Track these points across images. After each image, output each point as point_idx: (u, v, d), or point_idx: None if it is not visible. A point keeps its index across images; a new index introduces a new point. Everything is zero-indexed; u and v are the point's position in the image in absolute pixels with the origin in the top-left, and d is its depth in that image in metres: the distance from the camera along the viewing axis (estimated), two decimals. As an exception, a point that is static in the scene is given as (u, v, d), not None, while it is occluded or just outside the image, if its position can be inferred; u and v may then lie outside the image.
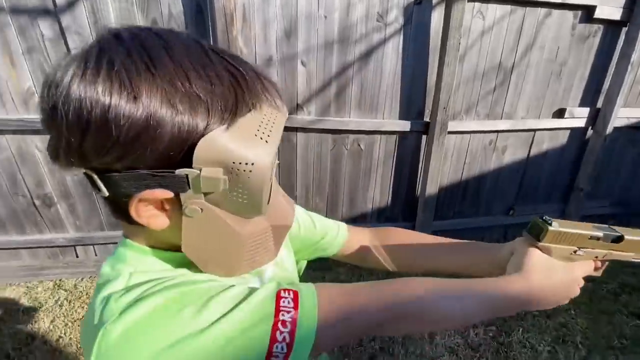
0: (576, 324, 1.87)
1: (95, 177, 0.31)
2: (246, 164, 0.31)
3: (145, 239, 0.38)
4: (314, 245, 0.62)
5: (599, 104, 2.42)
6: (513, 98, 2.27)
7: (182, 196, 0.33)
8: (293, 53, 1.84)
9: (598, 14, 2.14)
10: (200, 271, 0.39)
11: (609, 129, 2.42)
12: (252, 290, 0.35)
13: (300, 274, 0.66)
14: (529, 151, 2.47)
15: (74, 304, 1.90)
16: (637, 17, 2.16)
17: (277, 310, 0.33)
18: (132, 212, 0.33)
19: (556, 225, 0.44)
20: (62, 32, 1.57)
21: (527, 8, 2.06)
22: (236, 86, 0.32)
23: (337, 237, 0.64)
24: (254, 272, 0.47)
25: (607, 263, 0.52)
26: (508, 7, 2.03)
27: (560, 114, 2.40)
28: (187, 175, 0.31)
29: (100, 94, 0.28)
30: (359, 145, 2.15)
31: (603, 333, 1.81)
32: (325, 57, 1.89)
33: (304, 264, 0.67)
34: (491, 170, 2.46)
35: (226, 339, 0.31)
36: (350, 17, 1.83)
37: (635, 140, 2.66)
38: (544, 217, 0.46)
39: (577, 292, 0.48)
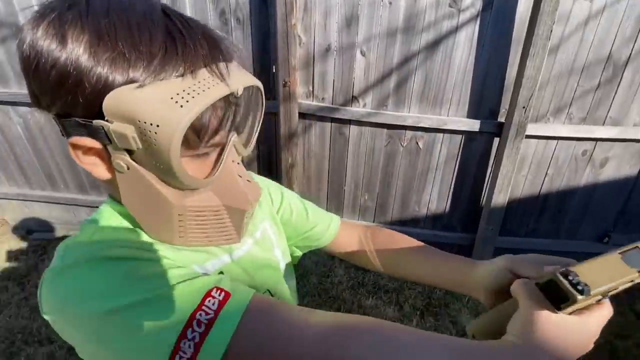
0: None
1: (55, 118, 0.34)
2: (151, 124, 0.30)
3: (118, 197, 0.40)
4: (305, 234, 0.62)
5: None
6: (624, 99, 1.83)
7: (109, 148, 0.33)
8: (352, 42, 1.77)
9: None
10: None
11: None
12: (192, 277, 0.34)
13: (295, 262, 0.64)
14: (641, 167, 1.97)
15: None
16: None
17: (199, 307, 0.31)
18: (73, 156, 0.34)
19: (588, 291, 0.32)
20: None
21: (658, -15, 1.62)
22: (169, 49, 0.31)
23: (329, 229, 0.64)
24: (225, 247, 0.47)
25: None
26: (628, -15, 1.62)
27: (695, 123, 1.85)
28: (102, 127, 0.32)
29: (38, 39, 0.30)
30: (417, 143, 1.99)
31: None
32: (386, 47, 1.78)
33: (299, 254, 0.65)
34: (582, 186, 2.04)
35: (135, 321, 0.31)
36: (418, 3, 1.68)
37: None
38: (571, 277, 0.33)
39: (589, 348, 0.37)
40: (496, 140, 1.94)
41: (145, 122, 0.30)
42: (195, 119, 0.31)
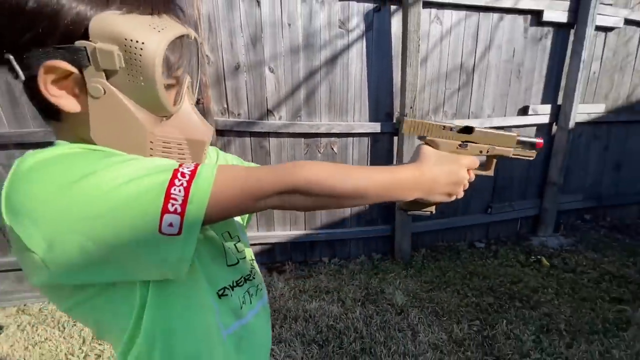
0: (560, 312, 1.84)
1: (12, 58, 0.34)
2: (137, 41, 0.35)
3: (72, 137, 0.40)
4: None
5: (559, 101, 2.55)
6: (478, 97, 2.37)
7: (85, 73, 0.36)
8: (260, 60, 1.90)
9: (546, 17, 2.30)
10: None
11: (572, 124, 2.53)
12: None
13: (244, 222, 0.66)
14: (499, 148, 2.54)
15: (37, 327, 1.78)
16: (582, 18, 2.33)
17: (180, 165, 0.37)
18: (42, 86, 0.34)
19: (412, 117, 0.53)
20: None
21: (481, 13, 2.20)
22: None
23: None
24: None
25: (495, 161, 0.58)
26: (463, 13, 2.17)
27: (524, 111, 2.50)
28: (85, 47, 0.34)
29: None
30: (332, 148, 2.18)
31: (586, 319, 1.78)
32: (292, 63, 1.96)
33: (246, 216, 0.68)
34: (465, 169, 2.51)
35: (128, 176, 0.34)
36: (313, 24, 1.93)
37: (598, 135, 2.78)
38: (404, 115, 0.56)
39: (465, 178, 0.53)
40: (395, 138, 2.26)
41: (132, 40, 0.35)
42: (167, 49, 0.37)
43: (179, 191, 0.34)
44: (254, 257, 0.62)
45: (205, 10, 1.74)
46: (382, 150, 2.27)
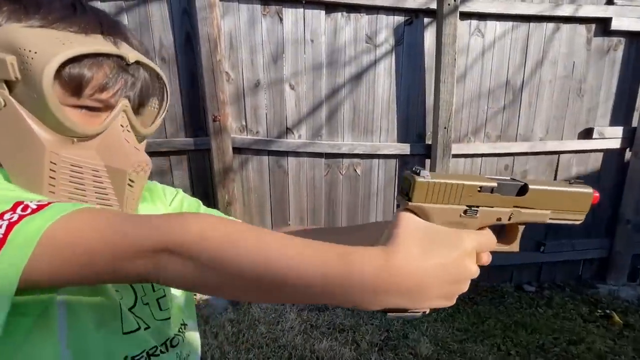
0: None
1: None
2: (29, 51, 0.32)
3: None
4: None
5: (634, 123, 2.13)
6: (527, 118, 2.07)
7: None
8: (280, 77, 1.83)
9: (615, 25, 1.97)
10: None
11: (651, 150, 2.10)
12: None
13: None
14: (555, 176, 2.18)
15: None
16: (663, 26, 1.96)
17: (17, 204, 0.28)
18: None
19: (426, 175, 0.32)
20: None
21: (532, 23, 1.95)
22: (68, 11, 0.36)
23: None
24: None
25: (520, 231, 0.35)
26: (509, 24, 1.93)
27: (587, 134, 2.13)
28: None
29: None
30: (355, 170, 2.02)
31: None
32: (314, 80, 1.86)
33: None
34: (511, 199, 2.18)
35: None
36: (338, 40, 1.83)
37: (690, 164, 2.27)
38: (415, 168, 0.33)
39: (471, 272, 0.31)
40: (427, 161, 2.04)
41: (24, 49, 0.32)
42: (78, 66, 0.34)
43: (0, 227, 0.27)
44: (185, 322, 0.48)
45: (227, 28, 1.73)
46: (412, 174, 2.06)
